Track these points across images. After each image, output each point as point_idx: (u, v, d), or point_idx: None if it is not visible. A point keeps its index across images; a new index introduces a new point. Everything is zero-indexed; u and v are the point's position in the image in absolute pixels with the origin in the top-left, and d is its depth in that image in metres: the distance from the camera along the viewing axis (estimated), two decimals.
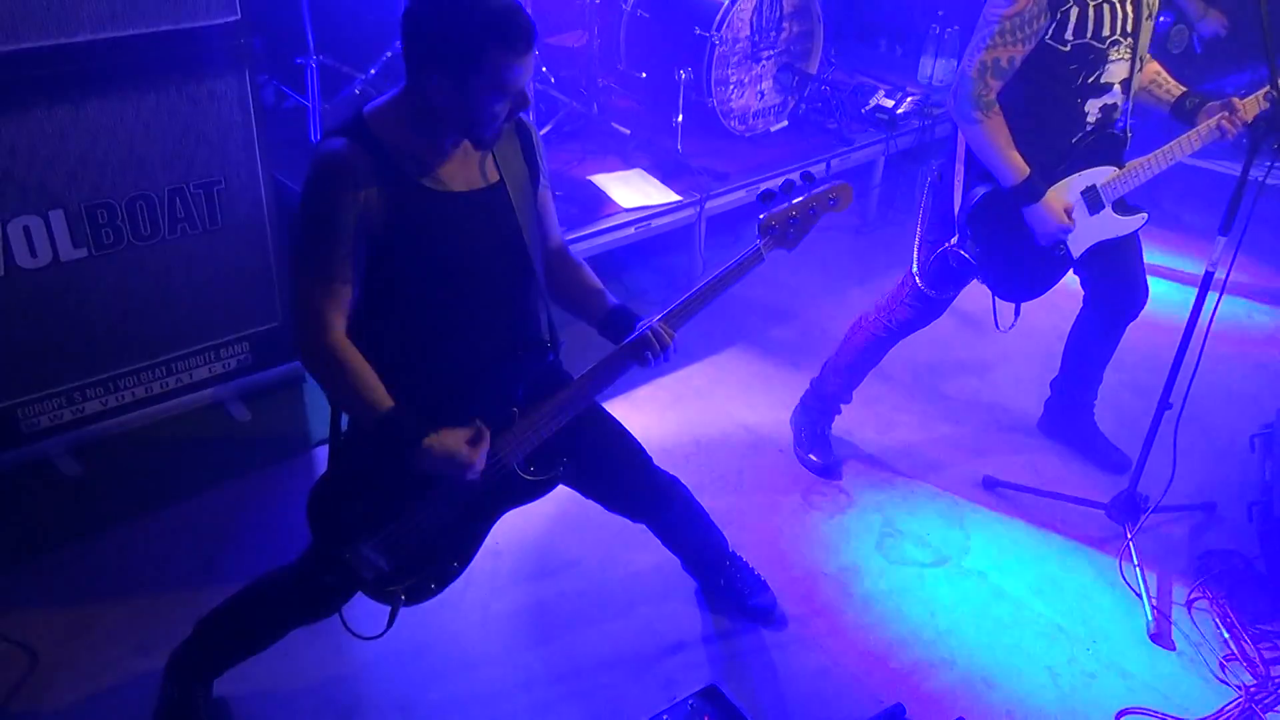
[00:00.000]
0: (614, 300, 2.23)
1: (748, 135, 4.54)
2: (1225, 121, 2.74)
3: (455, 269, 2.01)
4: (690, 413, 3.59)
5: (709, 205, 4.09)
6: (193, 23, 2.89)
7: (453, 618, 2.76)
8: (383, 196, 1.90)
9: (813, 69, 4.63)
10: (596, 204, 3.94)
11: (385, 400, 1.95)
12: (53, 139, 2.81)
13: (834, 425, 3.42)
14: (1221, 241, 2.65)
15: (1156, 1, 2.74)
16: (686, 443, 3.45)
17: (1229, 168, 4.41)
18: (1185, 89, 2.91)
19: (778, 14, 4.40)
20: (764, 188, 2.09)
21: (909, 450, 3.47)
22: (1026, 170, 2.71)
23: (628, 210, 3.93)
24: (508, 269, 2.09)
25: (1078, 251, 2.91)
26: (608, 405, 2.44)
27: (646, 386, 3.67)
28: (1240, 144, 2.78)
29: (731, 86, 4.40)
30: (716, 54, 4.27)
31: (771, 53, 4.48)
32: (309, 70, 4.10)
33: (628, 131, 4.36)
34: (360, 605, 2.22)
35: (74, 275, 2.98)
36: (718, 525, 2.74)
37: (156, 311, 3.17)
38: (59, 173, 2.86)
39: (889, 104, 4.77)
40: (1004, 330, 3.02)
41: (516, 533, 3.01)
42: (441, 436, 1.98)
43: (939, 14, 5.08)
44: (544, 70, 4.38)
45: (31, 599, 2.74)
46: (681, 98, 4.21)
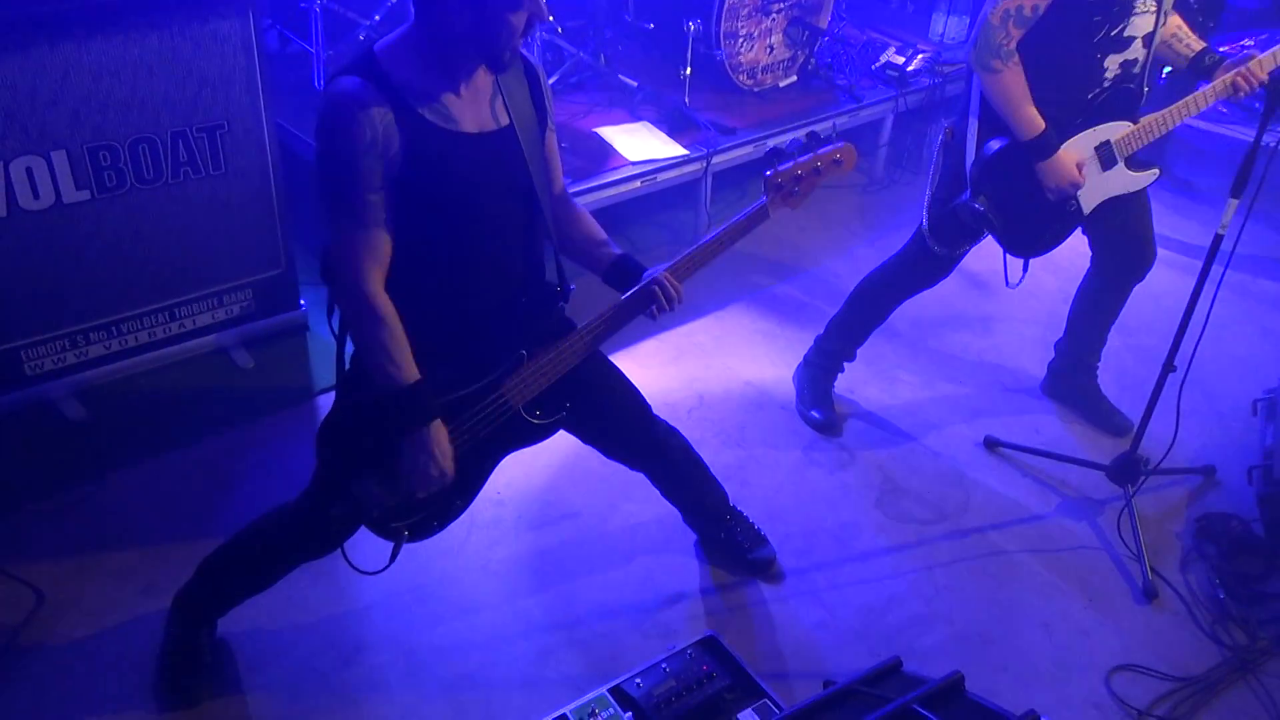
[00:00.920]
0: (619, 249, 2.22)
1: (756, 90, 4.49)
2: (1240, 79, 2.71)
3: (464, 210, 2.00)
4: (693, 368, 3.59)
5: (715, 160, 4.06)
6: None
7: (455, 564, 2.78)
8: (398, 133, 1.87)
9: (823, 24, 4.57)
10: (602, 156, 3.91)
11: (413, 371, 1.95)
12: (55, 78, 2.78)
13: (837, 383, 3.42)
14: (1233, 204, 2.63)
15: None
16: (689, 397, 3.45)
17: (1242, 132, 4.37)
18: (1204, 44, 2.87)
19: None
20: (771, 144, 2.08)
21: (911, 409, 3.47)
22: (1042, 124, 2.69)
23: (633, 163, 3.89)
24: (516, 212, 2.08)
25: (1088, 208, 2.89)
26: (611, 358, 2.44)
27: (650, 340, 3.67)
28: (1253, 108, 2.76)
29: (741, 40, 4.34)
30: (726, 6, 4.20)
31: (782, 6, 4.41)
32: (313, 15, 4.04)
33: (635, 84, 4.32)
34: (362, 545, 2.23)
35: (77, 217, 2.97)
36: (719, 479, 2.75)
37: (159, 256, 3.16)
38: (61, 113, 2.83)
39: (899, 61, 4.71)
40: (1012, 286, 3.01)
41: (519, 482, 3.03)
42: (438, 431, 2.00)
43: None
44: (551, 20, 4.32)
45: (37, 540, 2.76)
46: (690, 50, 4.16)
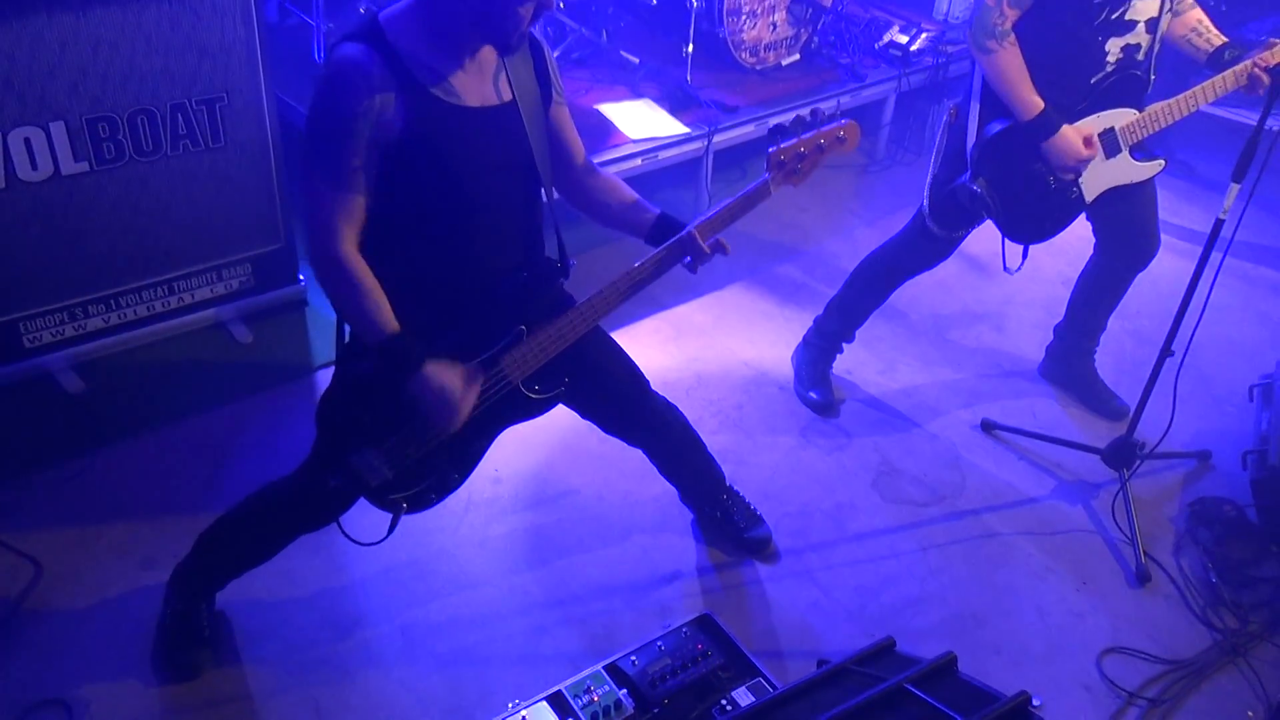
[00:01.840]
0: (657, 209, 2.21)
1: (758, 68, 4.46)
2: (1258, 70, 2.65)
3: (465, 185, 1.99)
4: (692, 347, 3.59)
5: (717, 139, 4.04)
6: None
7: (452, 541, 2.80)
8: (397, 104, 1.86)
9: (827, 2, 4.53)
10: (603, 134, 3.88)
11: (391, 323, 1.94)
12: (53, 48, 2.76)
13: (835, 364, 3.42)
14: (1234, 189, 2.62)
15: None
16: (688, 377, 3.46)
17: (1245, 116, 4.34)
18: (1226, 39, 2.81)
19: None
20: (774, 122, 2.07)
21: (909, 391, 3.48)
22: (1040, 104, 2.66)
23: (634, 141, 3.88)
24: (517, 188, 2.08)
25: (1091, 195, 2.88)
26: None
27: (649, 320, 3.66)
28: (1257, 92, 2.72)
29: (744, 17, 4.30)
30: None
31: None
32: None
33: (636, 60, 4.29)
34: (360, 519, 2.24)
35: (75, 189, 2.96)
36: (716, 459, 2.76)
37: (158, 229, 3.15)
38: (60, 84, 2.81)
39: (903, 40, 4.67)
40: (1012, 272, 3.00)
41: (516, 460, 3.03)
42: (440, 368, 1.98)
43: None
44: (563, 7, 4.29)
45: (36, 512, 2.77)
46: (692, 27, 4.12)
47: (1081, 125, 2.75)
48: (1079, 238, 3.18)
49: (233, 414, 3.14)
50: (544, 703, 2.23)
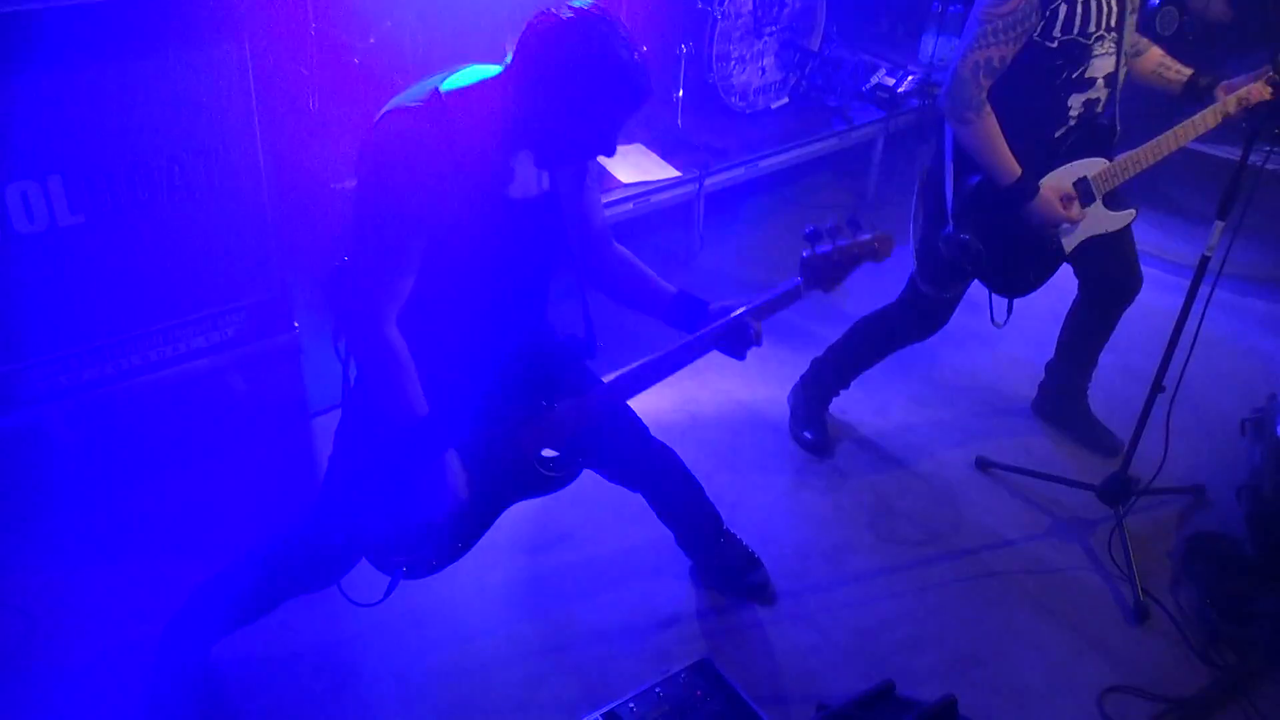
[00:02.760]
0: (674, 287, 2.22)
1: (748, 112, 4.52)
2: (1242, 100, 2.73)
3: (500, 271, 2.03)
4: (687, 388, 3.60)
5: (708, 182, 4.08)
6: None
7: (449, 588, 2.78)
8: (450, 189, 1.87)
9: (815, 45, 4.61)
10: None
11: (422, 405, 1.96)
12: (51, 103, 2.79)
13: (830, 405, 3.43)
14: (1219, 226, 2.66)
15: None
16: (682, 418, 3.46)
17: (1228, 152, 4.41)
18: (1193, 69, 2.89)
19: None
20: (811, 226, 2.10)
21: (903, 430, 3.48)
22: (1019, 170, 2.72)
23: (626, 185, 3.92)
24: (548, 272, 2.14)
25: (1069, 246, 2.91)
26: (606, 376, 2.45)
27: None
28: (1239, 128, 2.78)
29: (733, 62, 4.37)
30: (718, 29, 4.24)
31: (774, 28, 4.45)
32: (308, 37, 4.06)
33: None
34: (357, 574, 2.23)
35: (71, 241, 2.96)
36: (713, 502, 2.76)
37: (153, 278, 3.15)
38: (58, 137, 2.84)
39: (890, 82, 4.75)
40: (999, 325, 3.01)
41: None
42: (454, 458, 2.02)
43: None
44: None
45: (26, 565, 2.75)
46: (682, 73, 4.18)
47: (1054, 177, 2.80)
48: (1065, 273, 3.20)
49: (227, 463, 3.13)
50: None
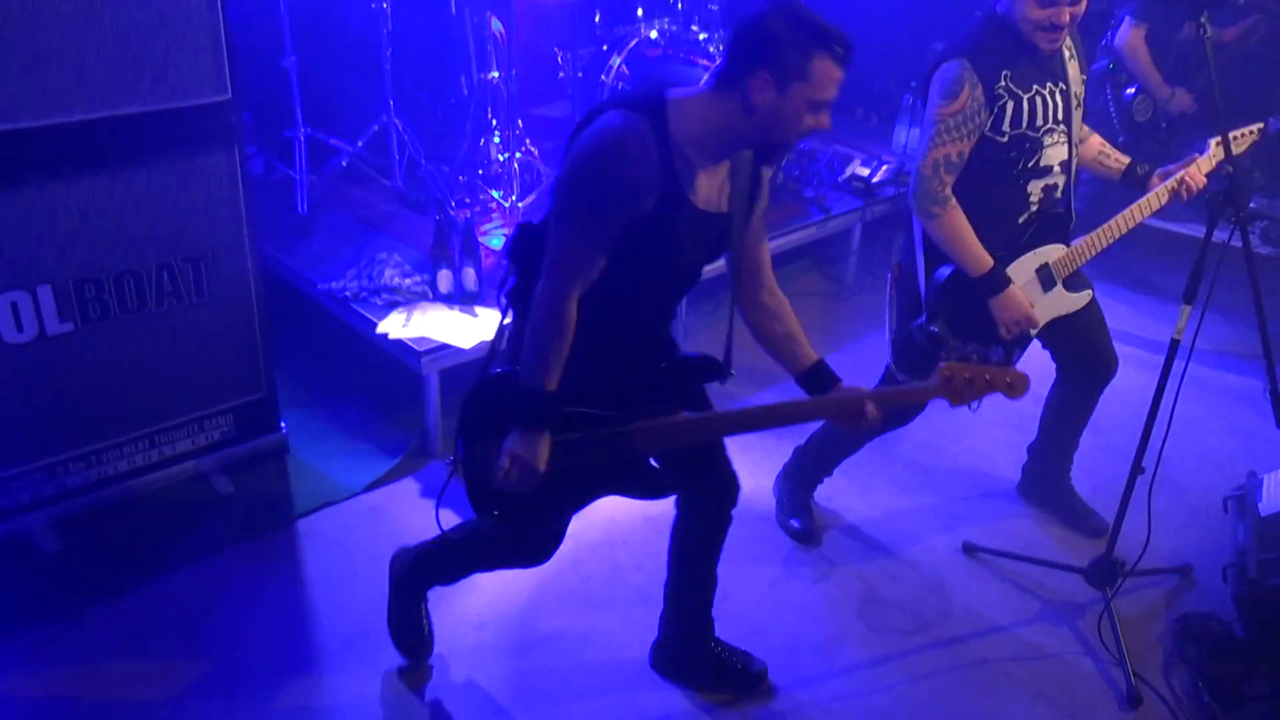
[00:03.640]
0: (816, 355, 2.34)
1: None
2: (1182, 187, 2.88)
3: (673, 274, 2.18)
4: None
5: None
6: (185, 102, 2.96)
7: (434, 692, 2.75)
8: (656, 188, 1.99)
9: None
10: None
11: (554, 382, 2.07)
12: (44, 217, 2.85)
13: (816, 492, 3.45)
14: (1186, 310, 2.72)
15: (1083, 91, 2.90)
16: (667, 510, 3.45)
17: (1195, 230, 4.52)
18: (1130, 158, 3.04)
19: None
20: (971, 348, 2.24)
21: (889, 516, 3.49)
22: (990, 261, 2.81)
23: None
24: (692, 287, 2.30)
25: (1035, 329, 2.98)
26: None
27: None
28: (1203, 207, 2.87)
29: None
30: None
31: None
32: (297, 143, 4.18)
33: None
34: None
35: (59, 349, 3.00)
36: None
37: (141, 383, 3.19)
38: (49, 249, 2.89)
39: (864, 172, 4.89)
40: (973, 410, 3.04)
41: (499, 605, 3.01)
42: (545, 442, 2.11)
43: (912, 84, 5.23)
44: (527, 143, 4.48)
45: (7, 678, 2.71)
46: None
47: (1018, 266, 2.90)
48: (1046, 356, 3.26)
49: (214, 566, 3.11)
50: None
